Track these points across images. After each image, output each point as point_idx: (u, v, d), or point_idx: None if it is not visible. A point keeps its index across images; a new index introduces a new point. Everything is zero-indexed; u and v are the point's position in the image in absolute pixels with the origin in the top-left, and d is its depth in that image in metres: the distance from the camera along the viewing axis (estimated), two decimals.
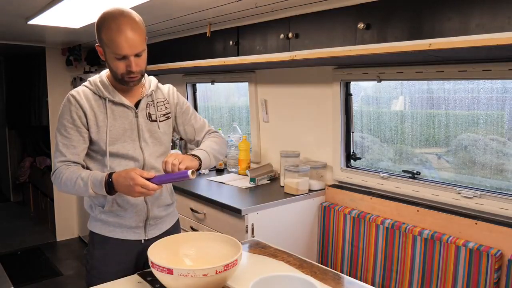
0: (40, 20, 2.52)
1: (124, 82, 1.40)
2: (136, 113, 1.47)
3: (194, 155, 1.46)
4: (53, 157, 1.45)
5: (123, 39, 1.30)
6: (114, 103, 1.44)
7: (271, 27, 2.31)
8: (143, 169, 1.48)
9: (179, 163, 1.33)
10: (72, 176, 1.37)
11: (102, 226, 1.50)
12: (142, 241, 1.52)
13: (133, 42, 1.32)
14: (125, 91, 1.47)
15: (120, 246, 1.50)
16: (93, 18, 2.48)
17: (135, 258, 1.53)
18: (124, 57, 1.33)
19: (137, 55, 1.35)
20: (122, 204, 1.47)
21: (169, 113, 1.57)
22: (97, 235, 1.51)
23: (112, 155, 1.44)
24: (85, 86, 1.46)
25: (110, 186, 1.33)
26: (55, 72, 4.07)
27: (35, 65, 4.75)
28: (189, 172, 1.28)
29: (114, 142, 1.44)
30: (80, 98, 1.42)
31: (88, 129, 1.42)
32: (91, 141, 1.44)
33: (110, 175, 1.34)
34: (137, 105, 1.49)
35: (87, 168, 1.47)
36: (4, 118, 5.57)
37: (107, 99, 1.43)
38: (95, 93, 1.44)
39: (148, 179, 1.30)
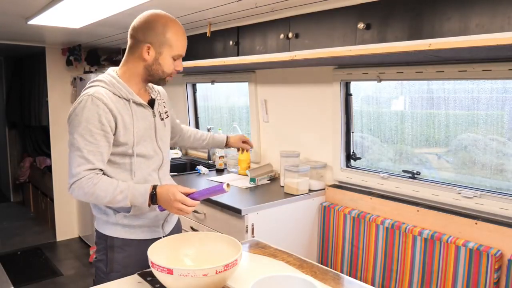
0: (40, 20, 2.52)
1: (162, 81, 1.48)
2: (153, 112, 1.50)
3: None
4: (74, 164, 1.33)
5: (185, 42, 1.47)
6: (136, 103, 1.44)
7: (271, 27, 2.31)
8: (161, 166, 1.52)
9: None
10: (108, 187, 1.33)
11: (123, 229, 1.47)
12: (162, 238, 1.49)
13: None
14: (137, 91, 1.47)
15: (141, 246, 1.45)
16: (93, 18, 2.50)
17: None
18: (179, 58, 1.46)
19: None
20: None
21: (167, 111, 1.61)
22: (117, 239, 1.47)
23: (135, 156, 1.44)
24: (103, 87, 1.39)
25: (153, 199, 1.34)
26: (55, 72, 4.07)
27: (35, 65, 4.75)
28: (224, 185, 1.32)
29: (137, 143, 1.44)
30: (107, 101, 1.35)
31: (114, 134, 1.38)
32: (116, 144, 1.40)
33: (154, 187, 1.35)
34: (150, 104, 1.50)
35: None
36: (4, 118, 5.57)
37: (130, 100, 1.41)
38: (115, 94, 1.39)
39: (188, 195, 1.34)
